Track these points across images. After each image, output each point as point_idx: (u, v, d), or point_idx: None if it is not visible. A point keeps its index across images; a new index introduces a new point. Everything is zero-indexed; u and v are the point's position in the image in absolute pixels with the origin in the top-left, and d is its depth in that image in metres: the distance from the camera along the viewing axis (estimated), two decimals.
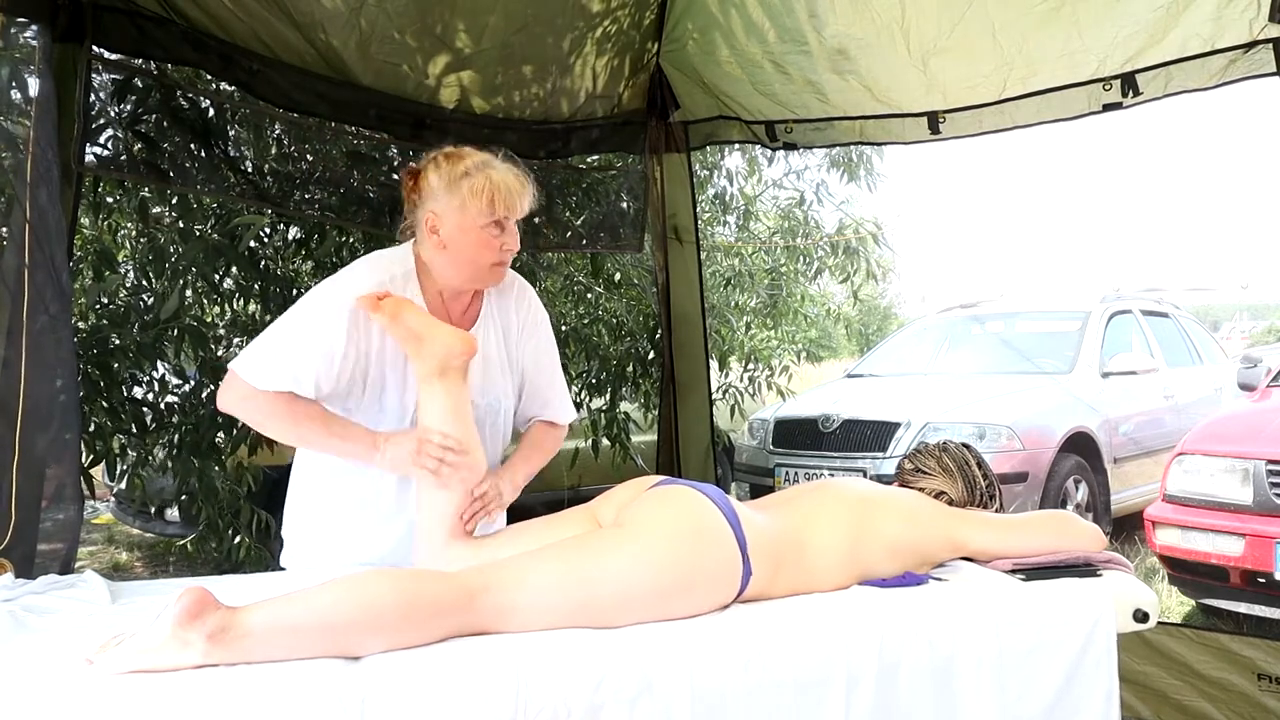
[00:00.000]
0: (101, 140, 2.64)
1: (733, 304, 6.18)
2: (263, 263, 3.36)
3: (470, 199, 1.79)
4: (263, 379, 1.74)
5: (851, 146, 5.96)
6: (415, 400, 1.82)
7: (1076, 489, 5.44)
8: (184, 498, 3.50)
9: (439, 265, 1.86)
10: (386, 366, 1.83)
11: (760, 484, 5.89)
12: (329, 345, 1.76)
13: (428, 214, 1.83)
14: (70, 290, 2.06)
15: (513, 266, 4.52)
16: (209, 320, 3.65)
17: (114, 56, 2.44)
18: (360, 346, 1.79)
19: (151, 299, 3.26)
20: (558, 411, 2.06)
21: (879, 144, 4.58)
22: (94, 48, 2.24)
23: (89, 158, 2.40)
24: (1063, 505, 5.26)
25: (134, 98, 2.64)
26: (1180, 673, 2.73)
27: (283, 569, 2.02)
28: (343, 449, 1.79)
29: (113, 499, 5.73)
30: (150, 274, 3.34)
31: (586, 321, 4.68)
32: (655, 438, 3.79)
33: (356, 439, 1.78)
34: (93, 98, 2.29)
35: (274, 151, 3.26)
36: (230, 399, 1.78)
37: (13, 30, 2.54)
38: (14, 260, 1.95)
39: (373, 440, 1.78)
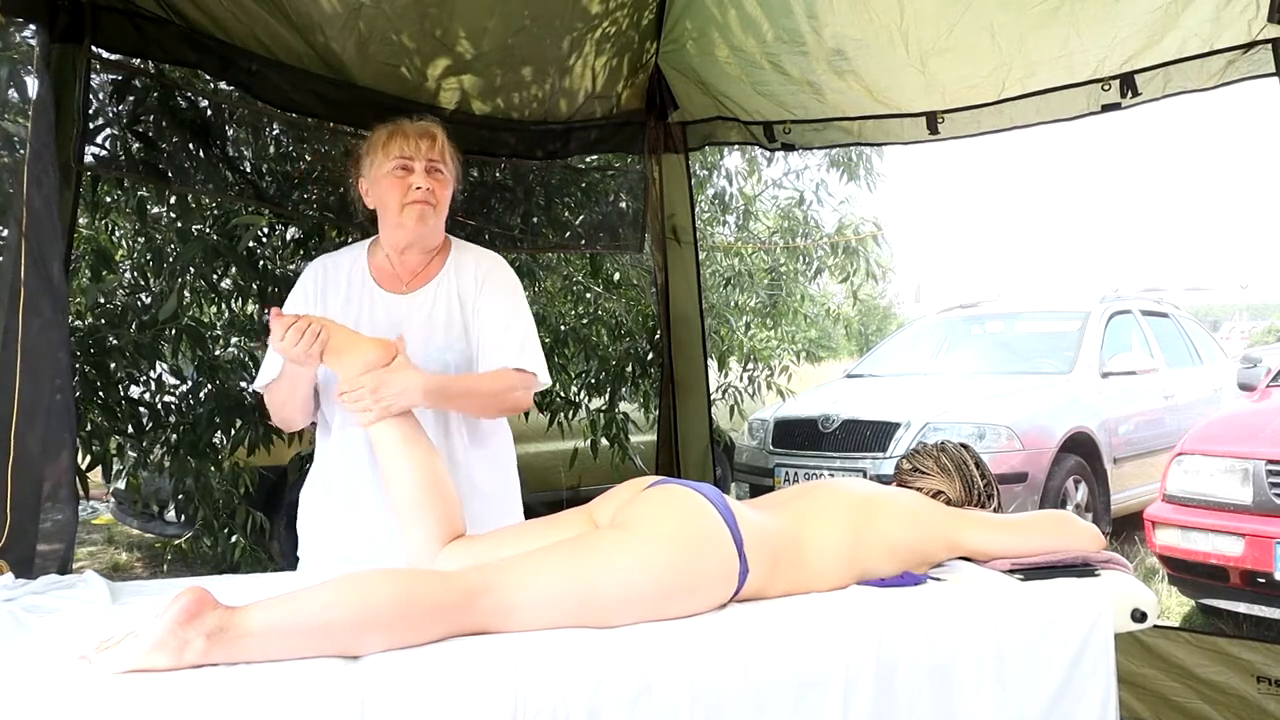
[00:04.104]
0: (100, 140, 2.64)
1: (732, 304, 6.18)
2: (261, 263, 3.35)
3: (375, 152, 1.93)
4: (259, 382, 2.01)
5: (851, 146, 5.96)
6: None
7: (1076, 489, 5.44)
8: (180, 498, 3.49)
9: (381, 229, 2.00)
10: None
11: (760, 484, 5.89)
12: None
13: (361, 184, 1.99)
14: (66, 290, 2.06)
15: (513, 266, 4.53)
16: (207, 320, 3.64)
17: (113, 57, 2.44)
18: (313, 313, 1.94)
19: (149, 299, 3.25)
20: (521, 359, 1.97)
21: (877, 144, 4.59)
22: (93, 48, 2.24)
23: (88, 157, 2.40)
24: (1062, 505, 5.26)
25: (133, 98, 2.64)
26: (1180, 676, 2.72)
27: (292, 569, 2.06)
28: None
29: (112, 499, 5.73)
30: (148, 274, 3.33)
31: (585, 322, 4.68)
32: (654, 438, 3.79)
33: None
34: (91, 98, 2.29)
35: (272, 152, 3.26)
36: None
37: (11, 30, 2.55)
38: (10, 260, 1.95)
39: None
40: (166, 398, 3.37)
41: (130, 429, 3.19)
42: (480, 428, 2.05)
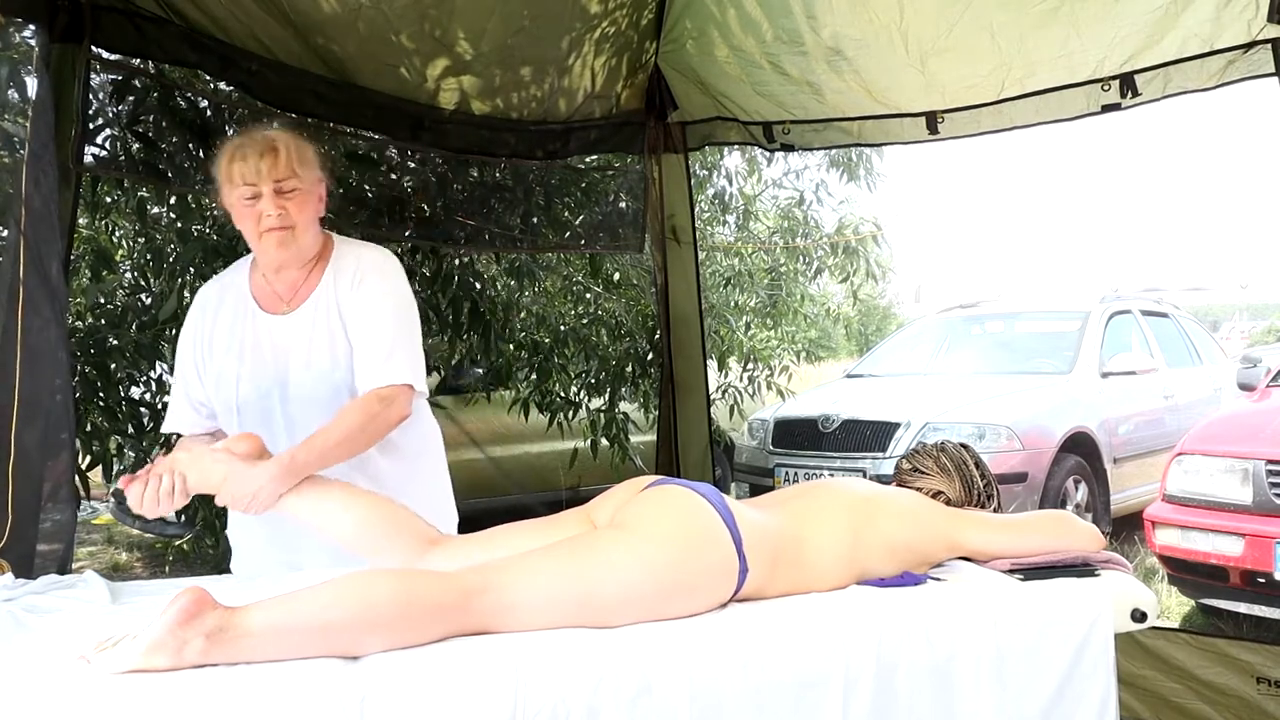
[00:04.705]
0: (100, 140, 2.64)
1: (732, 304, 6.19)
2: None
3: (221, 177, 1.82)
4: (166, 424, 1.99)
5: (851, 147, 5.96)
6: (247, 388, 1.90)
7: (1076, 489, 5.44)
8: None
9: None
10: (219, 354, 1.91)
11: (760, 484, 5.89)
12: (183, 365, 1.94)
13: (223, 203, 1.89)
14: (66, 290, 2.06)
15: (512, 266, 4.48)
16: None
17: (113, 57, 2.45)
18: (202, 344, 1.93)
19: (149, 299, 3.26)
20: (387, 373, 1.83)
21: (877, 145, 4.58)
22: (93, 48, 2.23)
23: (88, 158, 2.40)
24: (1062, 505, 5.25)
25: (132, 98, 2.64)
26: (1180, 677, 2.72)
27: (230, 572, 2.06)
28: None
29: (112, 499, 5.73)
30: (148, 274, 3.34)
31: (585, 322, 4.68)
32: (654, 438, 3.79)
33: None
34: (91, 98, 2.29)
35: None
36: None
37: (11, 30, 2.55)
38: (9, 260, 1.95)
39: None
40: (167, 398, 3.38)
41: (130, 429, 3.20)
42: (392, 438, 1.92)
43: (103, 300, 3.24)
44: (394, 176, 3.44)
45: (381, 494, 1.75)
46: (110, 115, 2.63)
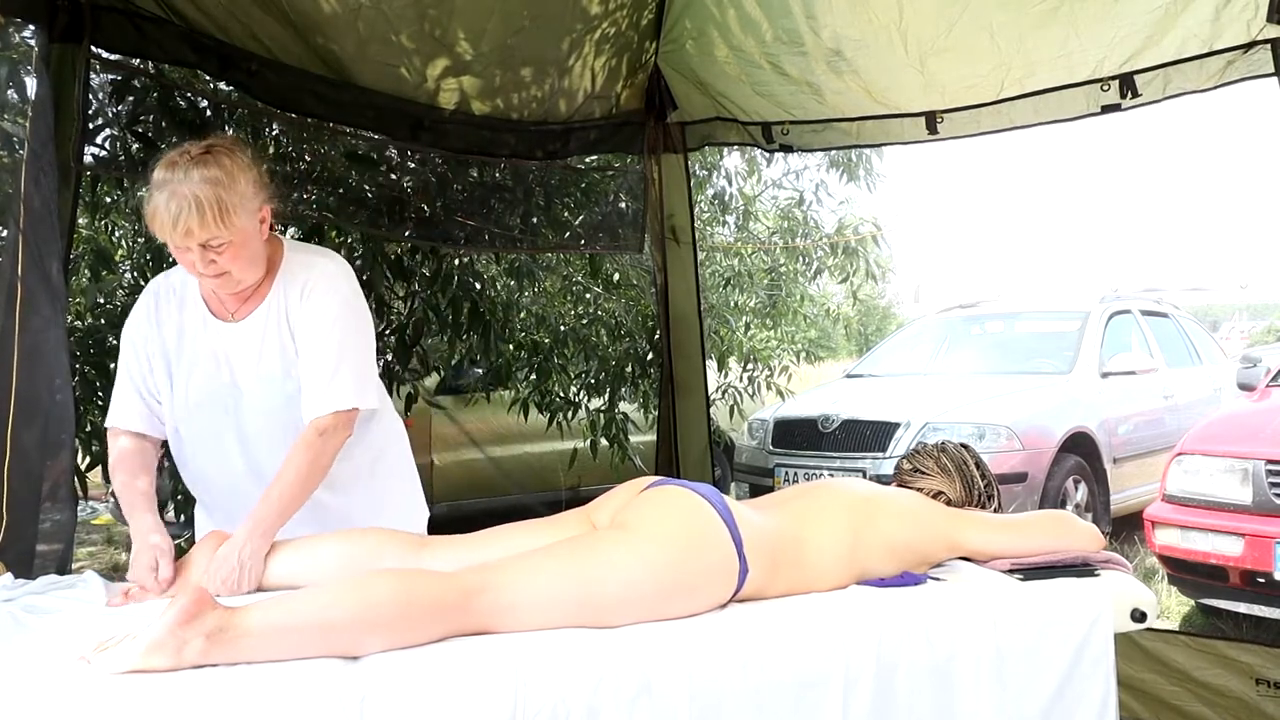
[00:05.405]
0: (100, 140, 2.64)
1: (732, 304, 6.19)
2: None
3: (145, 219, 1.74)
4: (109, 417, 1.91)
5: (849, 149, 5.95)
6: (196, 394, 1.86)
7: (1076, 489, 5.44)
8: (179, 498, 3.50)
9: None
10: (170, 354, 1.87)
11: (760, 484, 5.89)
12: (132, 352, 1.88)
13: None
14: (65, 290, 2.06)
15: (512, 266, 4.46)
16: None
17: (112, 57, 2.45)
18: (151, 346, 1.87)
19: None
20: (329, 399, 1.79)
21: (876, 145, 4.57)
22: (92, 48, 2.23)
23: (87, 157, 2.40)
24: (1062, 505, 5.26)
25: (132, 98, 2.64)
26: (1179, 679, 2.72)
27: None
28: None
29: (112, 499, 5.73)
30: (148, 274, 3.33)
31: (585, 322, 4.68)
32: (654, 438, 3.79)
33: (133, 520, 1.80)
34: (91, 98, 2.29)
35: (272, 151, 3.26)
36: None
37: (11, 30, 2.55)
38: (8, 260, 1.95)
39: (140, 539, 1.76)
40: None
41: None
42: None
43: (103, 300, 3.24)
44: (394, 176, 3.44)
45: (355, 527, 1.76)
46: (110, 115, 2.63)
